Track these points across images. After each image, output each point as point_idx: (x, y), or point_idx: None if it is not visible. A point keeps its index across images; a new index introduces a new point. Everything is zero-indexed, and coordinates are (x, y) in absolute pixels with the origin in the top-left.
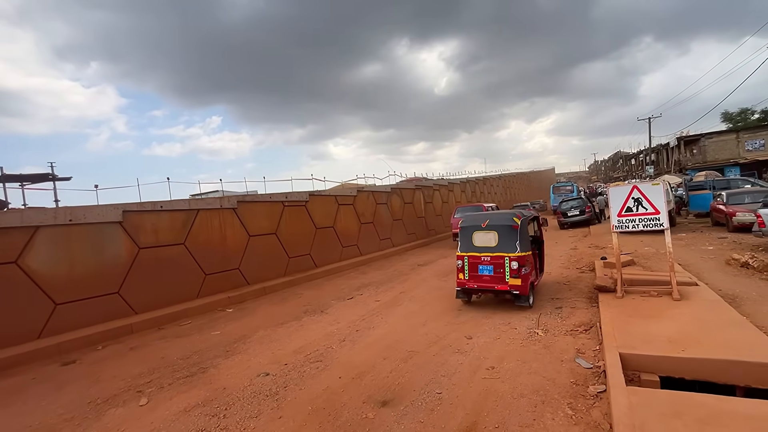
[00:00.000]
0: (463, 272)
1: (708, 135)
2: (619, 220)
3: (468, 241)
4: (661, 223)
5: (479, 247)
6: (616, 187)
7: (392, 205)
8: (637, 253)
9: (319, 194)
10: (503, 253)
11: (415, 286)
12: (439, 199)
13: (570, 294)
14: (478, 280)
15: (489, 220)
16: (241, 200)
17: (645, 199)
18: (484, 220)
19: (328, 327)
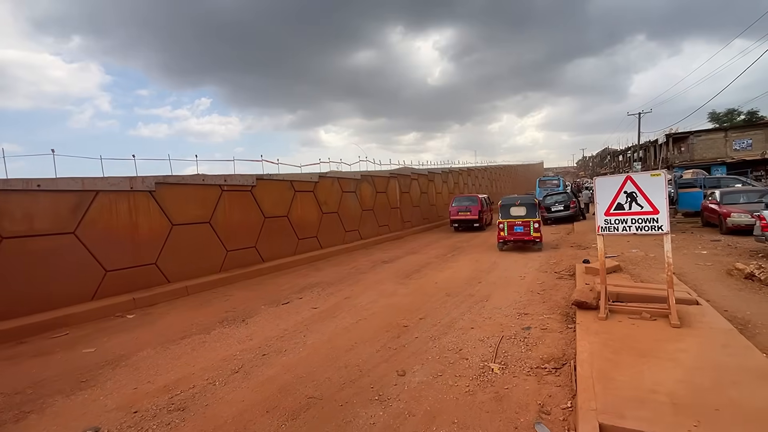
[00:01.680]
0: (504, 231)
1: (697, 133)
2: (607, 220)
3: (507, 212)
4: (661, 226)
5: (514, 216)
6: (605, 178)
7: (362, 193)
8: (624, 257)
9: (269, 178)
10: (529, 218)
11: (364, 290)
12: (418, 190)
13: (543, 308)
14: (514, 234)
15: (520, 201)
16: (162, 182)
17: (641, 194)
18: (517, 200)
19: (234, 346)
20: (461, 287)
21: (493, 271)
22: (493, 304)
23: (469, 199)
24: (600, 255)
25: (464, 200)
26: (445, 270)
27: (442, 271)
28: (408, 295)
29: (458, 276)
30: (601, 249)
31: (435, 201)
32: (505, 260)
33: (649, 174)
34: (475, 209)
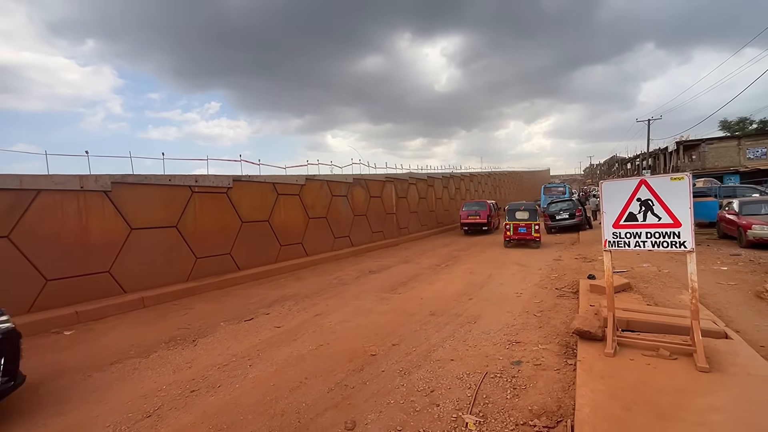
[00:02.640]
0: (510, 231)
1: (708, 141)
2: (616, 233)
3: (512, 215)
4: (683, 242)
5: (519, 219)
6: (613, 182)
7: (354, 198)
8: (633, 272)
9: (249, 180)
10: (531, 221)
11: (339, 306)
12: (416, 195)
13: (539, 335)
14: (518, 234)
15: (523, 206)
16: (119, 181)
17: (658, 203)
18: (521, 206)
19: (165, 377)
20: (449, 304)
21: (487, 285)
22: (481, 328)
23: (479, 204)
24: (607, 275)
25: (474, 205)
26: (435, 282)
27: (432, 283)
28: (386, 314)
29: (448, 290)
30: (609, 268)
31: (434, 207)
32: (503, 272)
33: (669, 178)
34: (484, 213)
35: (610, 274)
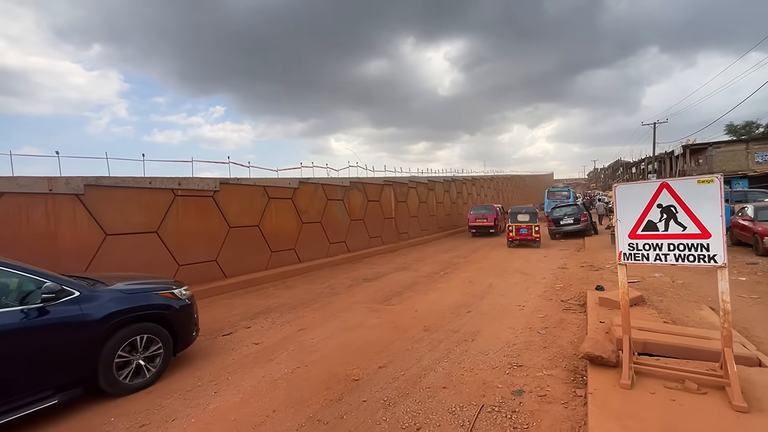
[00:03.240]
0: (512, 232)
1: (716, 144)
2: (632, 244)
3: (515, 218)
4: (713, 256)
5: (520, 221)
6: (629, 186)
7: (350, 202)
8: (645, 283)
9: (237, 183)
10: (532, 223)
11: (325, 319)
12: (416, 199)
13: (543, 357)
14: (520, 235)
15: (525, 210)
16: (93, 184)
17: (683, 209)
18: (522, 210)
19: (116, 408)
20: (445, 318)
21: (487, 296)
22: (479, 347)
23: (485, 208)
24: (622, 292)
25: (481, 209)
26: (431, 293)
27: (428, 294)
28: (376, 329)
29: (445, 302)
30: (624, 284)
31: (435, 211)
32: (504, 282)
33: (696, 180)
34: (491, 217)
35: (625, 291)
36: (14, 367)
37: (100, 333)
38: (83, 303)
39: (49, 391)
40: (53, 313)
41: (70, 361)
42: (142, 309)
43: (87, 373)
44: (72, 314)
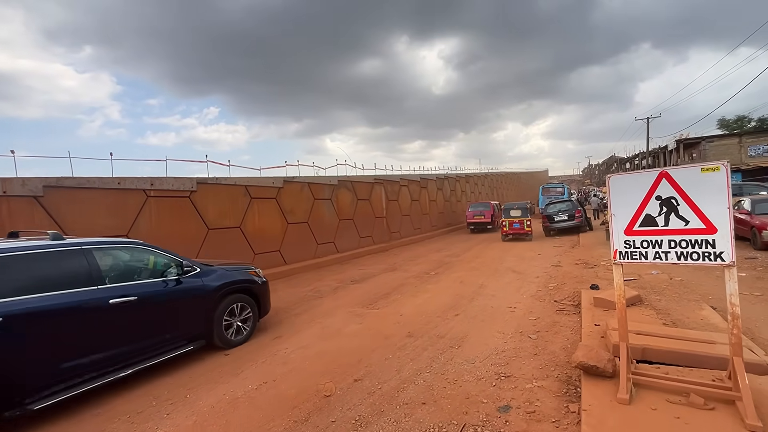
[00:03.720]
0: (506, 227)
1: (709, 138)
2: (629, 241)
3: (508, 214)
4: (720, 254)
5: (513, 216)
6: (624, 176)
7: (339, 201)
8: (642, 281)
9: (216, 183)
10: (524, 218)
11: (304, 325)
12: (408, 197)
13: (533, 366)
14: (513, 230)
15: (517, 206)
16: (54, 185)
17: (685, 201)
18: (515, 206)
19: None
20: (431, 323)
21: (477, 298)
22: (465, 354)
23: (483, 205)
24: (618, 295)
25: (479, 206)
26: (419, 294)
27: (416, 296)
28: (356, 336)
29: (433, 304)
30: (620, 285)
31: (428, 209)
32: (496, 282)
33: (699, 168)
34: (488, 213)
35: (622, 294)
36: (166, 322)
37: (214, 299)
38: (203, 277)
39: (185, 341)
40: (185, 283)
41: (197, 320)
42: (239, 283)
43: (207, 329)
44: (197, 285)
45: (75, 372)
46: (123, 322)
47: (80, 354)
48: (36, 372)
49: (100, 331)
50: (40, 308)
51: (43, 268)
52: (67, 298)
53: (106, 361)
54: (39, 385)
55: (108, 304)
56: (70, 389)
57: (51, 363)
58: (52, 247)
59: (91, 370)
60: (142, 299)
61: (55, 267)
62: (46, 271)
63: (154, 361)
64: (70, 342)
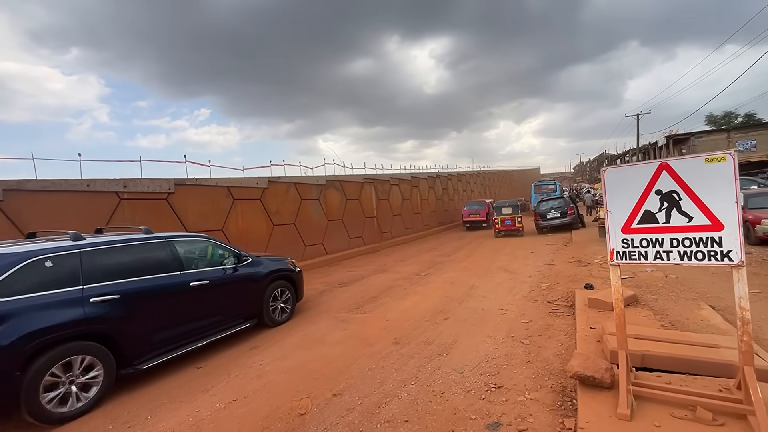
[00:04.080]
0: (498, 224)
1: (698, 134)
2: (627, 240)
3: (500, 211)
4: (728, 253)
5: (504, 214)
6: (621, 169)
7: (327, 201)
8: (637, 279)
9: (196, 184)
10: (515, 215)
11: (285, 334)
12: (399, 196)
13: (525, 375)
14: (505, 226)
15: (508, 204)
16: (15, 188)
17: (688, 195)
18: (506, 203)
19: None
20: (419, 328)
21: (468, 300)
22: (454, 363)
23: (478, 204)
24: (616, 300)
25: (474, 205)
26: (408, 297)
27: (405, 298)
28: (339, 344)
29: (422, 307)
30: (618, 289)
31: (420, 209)
32: (488, 282)
33: (704, 159)
34: (483, 212)
35: (620, 298)
36: (230, 302)
37: (263, 285)
38: (255, 266)
39: (242, 319)
40: (241, 271)
41: (250, 302)
42: (281, 271)
43: (258, 311)
44: (250, 272)
45: (169, 340)
46: (200, 301)
47: (173, 326)
48: (142, 339)
49: (185, 308)
50: (144, 288)
51: (140, 257)
52: (163, 280)
53: (190, 333)
54: (143, 350)
55: (189, 286)
56: (167, 354)
57: (152, 332)
58: (145, 240)
59: (180, 339)
60: (213, 283)
61: (148, 255)
62: (143, 259)
63: (222, 335)
64: (165, 316)
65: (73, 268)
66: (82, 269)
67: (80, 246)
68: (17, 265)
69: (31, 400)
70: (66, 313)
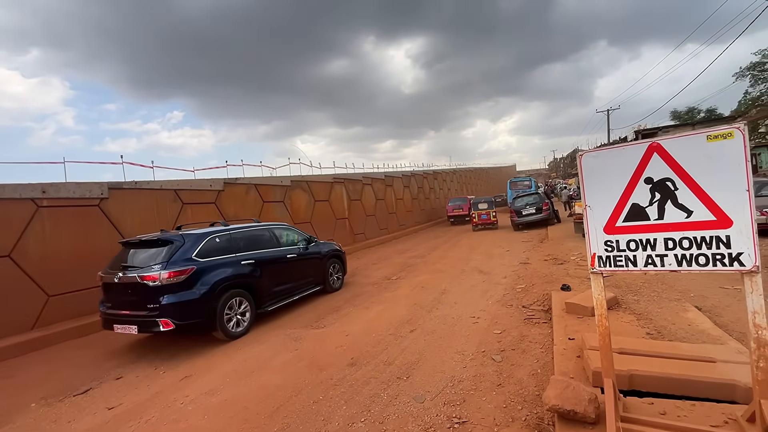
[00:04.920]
0: (475, 218)
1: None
2: (611, 242)
3: (476, 206)
4: (738, 256)
5: (480, 209)
6: (602, 153)
7: (293, 203)
8: (616, 278)
9: (134, 188)
10: (490, 210)
11: (224, 359)
12: (372, 196)
13: (495, 404)
14: (481, 220)
15: (483, 200)
16: None
17: (686, 184)
18: (482, 200)
19: None
20: (381, 342)
21: (438, 307)
22: (414, 388)
23: (461, 200)
24: (599, 319)
25: (457, 200)
26: (374, 306)
27: (370, 307)
28: (284, 369)
29: (387, 318)
30: (602, 303)
31: (395, 208)
32: (460, 285)
33: (705, 137)
34: (466, 207)
35: (603, 314)
36: (308, 271)
37: (324, 260)
38: (319, 246)
39: (314, 284)
40: (310, 249)
41: (316, 273)
42: (334, 251)
43: (322, 279)
44: (316, 251)
45: (280, 293)
46: (292, 268)
47: (280, 283)
48: (266, 290)
49: (285, 271)
50: (265, 256)
51: (257, 236)
52: (273, 252)
53: (289, 290)
54: (267, 298)
55: (286, 257)
56: (280, 302)
57: (271, 286)
58: (257, 226)
59: (284, 293)
60: (298, 256)
61: (262, 236)
62: (259, 238)
63: (305, 293)
64: (276, 275)
65: (229, 242)
66: (233, 243)
67: (230, 229)
68: (204, 239)
69: (221, 322)
70: (232, 269)
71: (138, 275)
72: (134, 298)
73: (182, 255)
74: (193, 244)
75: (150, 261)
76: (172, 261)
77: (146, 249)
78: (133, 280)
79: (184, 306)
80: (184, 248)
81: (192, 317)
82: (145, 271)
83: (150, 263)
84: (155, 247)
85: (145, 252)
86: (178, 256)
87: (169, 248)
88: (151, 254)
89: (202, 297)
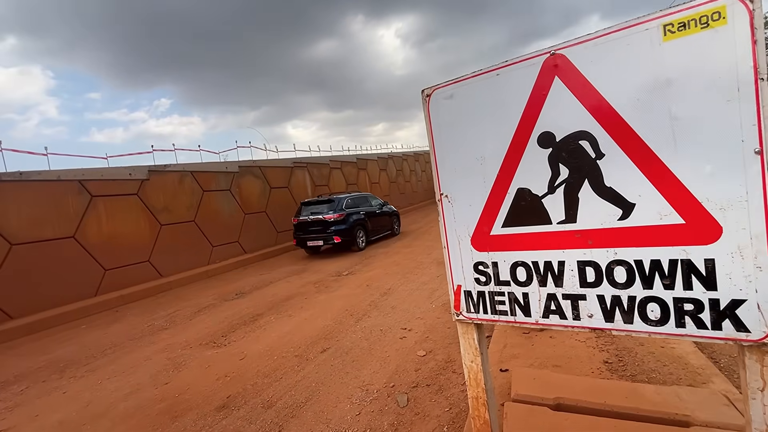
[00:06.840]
0: None
1: None
2: (484, 265)
3: None
4: (733, 309)
5: None
6: (465, 84)
7: (243, 191)
8: None
9: (20, 180)
10: None
11: (58, 404)
12: (342, 181)
13: None
14: None
15: None
16: None
17: (620, 142)
18: None
19: None
20: (278, 370)
21: (370, 314)
22: None
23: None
24: (475, 414)
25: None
26: (300, 312)
27: (294, 315)
28: (131, 416)
29: (305, 330)
30: (479, 387)
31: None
32: (410, 283)
33: (660, 30)
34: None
35: (482, 405)
36: (385, 222)
37: (392, 217)
38: (388, 206)
39: (388, 231)
40: (384, 209)
41: (388, 224)
42: (395, 212)
43: (391, 229)
44: (388, 210)
45: (375, 231)
46: (378, 218)
47: (374, 227)
48: (370, 229)
49: (376, 220)
50: (368, 210)
51: (361, 200)
52: (370, 208)
53: (377, 230)
54: (371, 233)
55: (376, 212)
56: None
57: (372, 227)
58: (360, 194)
59: (376, 233)
60: (380, 212)
61: (364, 199)
62: (362, 200)
63: (384, 234)
64: (373, 221)
65: (354, 201)
66: (356, 202)
67: (353, 196)
68: (345, 200)
69: (355, 241)
70: (357, 216)
71: (323, 216)
72: (319, 227)
73: (339, 207)
74: (341, 202)
75: (325, 210)
76: (336, 210)
77: (320, 204)
78: (319, 219)
79: (343, 231)
80: (339, 203)
81: (346, 237)
82: (325, 214)
83: (326, 211)
84: (325, 204)
85: (321, 206)
86: (337, 207)
87: (332, 204)
88: (325, 207)
89: (349, 227)
